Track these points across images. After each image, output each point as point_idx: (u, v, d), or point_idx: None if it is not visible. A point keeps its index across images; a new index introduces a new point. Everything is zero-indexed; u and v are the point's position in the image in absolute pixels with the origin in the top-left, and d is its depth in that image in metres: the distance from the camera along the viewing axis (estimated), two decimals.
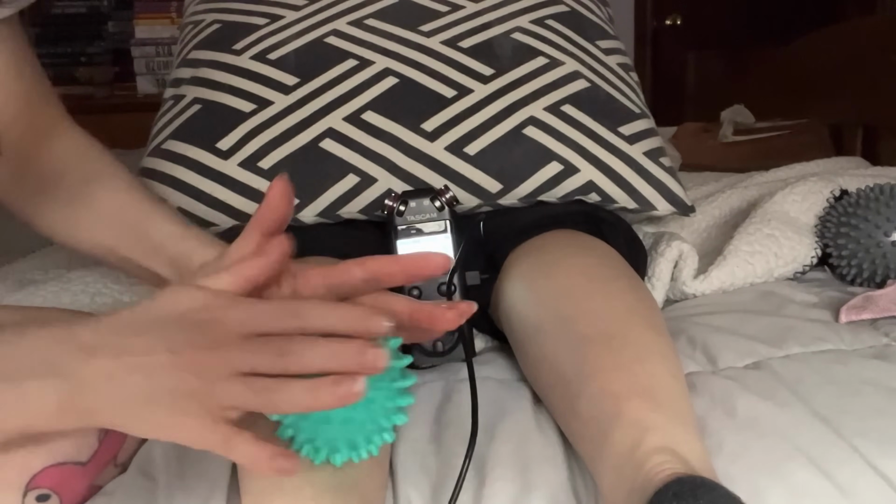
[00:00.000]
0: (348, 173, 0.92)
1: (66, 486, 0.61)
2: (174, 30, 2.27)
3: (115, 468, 0.66)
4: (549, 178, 0.93)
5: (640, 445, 0.57)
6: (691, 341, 0.82)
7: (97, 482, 0.64)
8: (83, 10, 2.51)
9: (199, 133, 0.95)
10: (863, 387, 0.71)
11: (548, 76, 0.98)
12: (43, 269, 1.01)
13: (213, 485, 0.64)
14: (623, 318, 0.70)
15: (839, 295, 0.92)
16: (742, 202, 1.11)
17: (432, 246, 0.84)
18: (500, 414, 0.72)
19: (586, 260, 0.80)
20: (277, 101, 0.95)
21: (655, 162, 0.97)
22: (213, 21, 1.06)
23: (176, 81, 1.03)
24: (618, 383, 0.63)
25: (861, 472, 0.62)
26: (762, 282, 0.96)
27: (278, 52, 0.99)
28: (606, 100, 0.99)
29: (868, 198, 0.95)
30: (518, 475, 0.65)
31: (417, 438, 0.70)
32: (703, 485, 0.52)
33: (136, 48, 2.36)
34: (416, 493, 0.64)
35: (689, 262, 0.93)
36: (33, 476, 0.58)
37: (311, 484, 0.56)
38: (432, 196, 0.84)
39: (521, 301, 0.79)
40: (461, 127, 0.94)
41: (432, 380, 0.80)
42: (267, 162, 0.92)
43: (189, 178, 0.93)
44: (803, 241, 0.97)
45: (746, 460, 0.63)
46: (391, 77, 0.96)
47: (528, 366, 0.76)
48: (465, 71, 0.97)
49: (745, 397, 0.70)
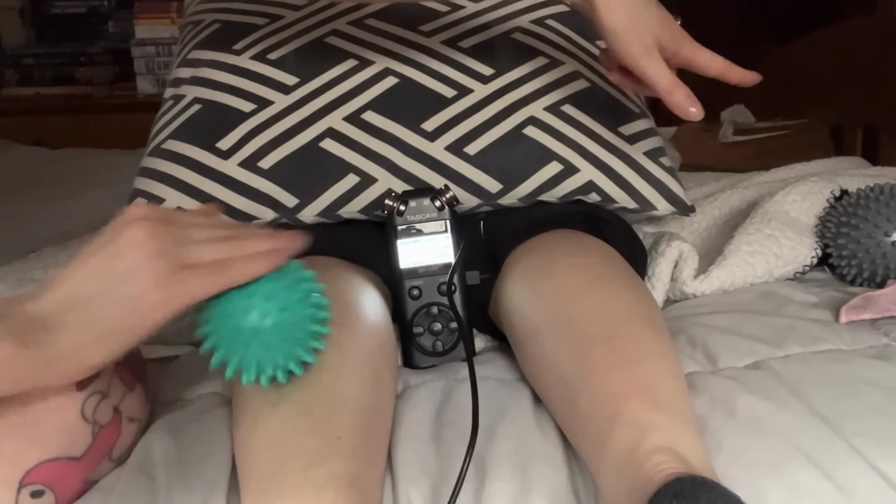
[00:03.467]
0: (348, 173, 0.92)
1: (60, 481, 0.61)
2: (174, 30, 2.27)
3: (111, 463, 0.66)
4: (549, 177, 0.93)
5: (640, 445, 0.57)
6: (691, 341, 0.82)
7: (92, 477, 0.64)
8: (83, 10, 2.51)
9: (199, 133, 0.95)
10: (863, 387, 0.71)
11: (548, 76, 0.98)
12: (43, 269, 1.01)
13: (213, 484, 0.64)
14: (623, 318, 0.70)
15: (839, 295, 0.91)
16: (742, 202, 1.11)
17: (432, 246, 0.84)
18: (500, 414, 0.72)
19: (586, 260, 0.80)
20: (277, 101, 0.95)
21: (655, 162, 0.97)
22: (213, 21, 1.06)
23: (176, 81, 1.03)
24: (618, 383, 0.63)
25: (861, 472, 0.62)
26: (762, 282, 0.96)
27: (278, 52, 0.99)
28: (606, 100, 0.99)
29: (868, 198, 0.95)
30: (518, 475, 0.65)
31: (418, 437, 0.70)
32: (703, 484, 0.52)
33: (136, 48, 2.36)
34: (416, 493, 0.64)
35: (690, 262, 0.93)
36: (27, 472, 0.59)
37: (310, 482, 0.56)
38: (432, 196, 0.84)
39: (521, 301, 0.79)
40: (461, 127, 0.94)
41: (432, 379, 0.80)
42: (267, 162, 0.92)
43: (189, 178, 0.92)
44: (803, 242, 0.97)
45: (746, 460, 0.63)
46: (391, 77, 0.96)
47: (528, 365, 0.76)
48: (465, 71, 0.97)
49: (745, 397, 0.70)
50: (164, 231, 0.55)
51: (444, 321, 0.83)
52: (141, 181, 0.95)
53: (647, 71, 0.76)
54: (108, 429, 0.64)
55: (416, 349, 0.83)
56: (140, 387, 0.70)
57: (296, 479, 0.56)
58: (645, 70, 0.76)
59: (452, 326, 0.83)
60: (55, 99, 2.37)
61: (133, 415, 0.68)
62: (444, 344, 0.83)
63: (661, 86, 0.76)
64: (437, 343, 0.83)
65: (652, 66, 0.75)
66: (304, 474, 0.57)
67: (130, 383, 0.68)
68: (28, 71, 2.44)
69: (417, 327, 0.83)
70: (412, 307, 0.83)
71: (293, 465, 0.57)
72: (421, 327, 0.83)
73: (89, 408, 0.62)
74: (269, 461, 0.58)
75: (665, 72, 0.76)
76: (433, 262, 0.84)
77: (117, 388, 0.65)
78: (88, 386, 0.62)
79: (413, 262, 0.84)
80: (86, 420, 0.62)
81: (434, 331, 0.83)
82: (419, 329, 0.83)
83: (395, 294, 0.85)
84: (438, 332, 0.83)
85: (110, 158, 1.84)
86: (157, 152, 0.96)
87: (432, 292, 0.83)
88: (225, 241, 0.58)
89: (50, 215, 1.42)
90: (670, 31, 0.77)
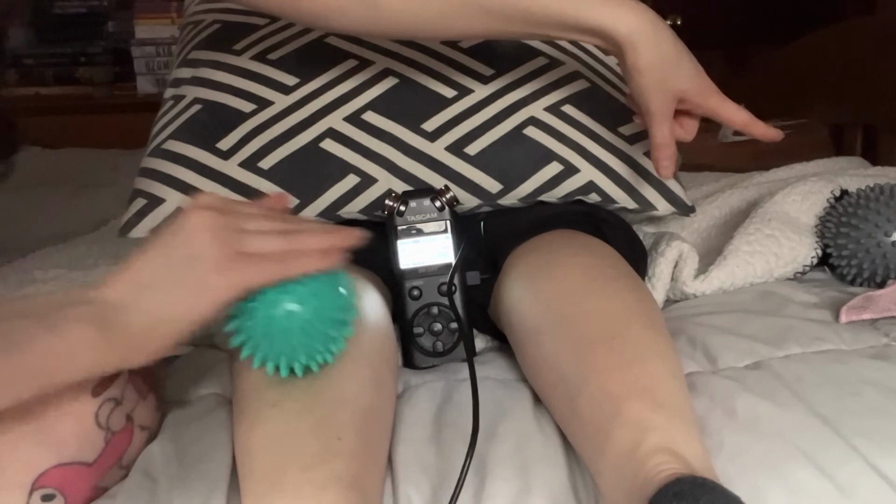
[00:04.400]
0: (348, 173, 0.92)
1: (71, 486, 0.61)
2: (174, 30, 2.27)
3: (121, 470, 0.66)
4: (550, 178, 0.93)
5: (640, 446, 0.57)
6: (691, 341, 0.82)
7: (102, 484, 0.64)
8: (83, 10, 2.50)
9: (199, 133, 0.95)
10: (863, 387, 0.71)
11: (548, 76, 0.98)
12: (43, 269, 1.02)
13: (214, 485, 0.64)
14: (623, 319, 0.70)
15: (839, 295, 0.91)
16: (742, 202, 1.11)
17: (432, 246, 0.84)
18: (500, 414, 0.72)
19: (586, 260, 0.80)
20: (277, 102, 0.95)
21: None
22: (213, 21, 1.06)
23: (176, 81, 1.03)
24: (618, 383, 0.63)
25: (861, 472, 0.62)
26: (762, 282, 0.96)
27: (278, 52, 0.99)
28: (606, 100, 0.99)
29: (868, 198, 0.95)
30: (518, 475, 0.65)
31: (418, 438, 0.70)
32: (703, 485, 0.52)
33: (136, 48, 2.36)
34: (416, 493, 0.64)
35: (690, 262, 0.93)
36: (39, 475, 0.59)
37: (311, 483, 0.56)
38: (432, 196, 0.84)
39: (522, 301, 0.79)
40: (461, 127, 0.94)
41: (432, 380, 0.80)
42: (267, 162, 0.92)
43: (189, 179, 0.92)
44: (803, 242, 0.97)
45: (746, 460, 0.63)
46: (391, 77, 0.96)
47: (528, 366, 0.76)
48: (465, 71, 0.97)
49: (745, 397, 0.70)
50: (225, 221, 0.59)
51: (445, 321, 0.83)
52: (141, 181, 0.95)
53: (652, 130, 0.79)
54: (120, 436, 0.64)
55: (416, 349, 0.83)
56: (152, 396, 0.71)
57: (296, 480, 0.56)
58: (651, 128, 0.79)
59: (453, 327, 0.83)
60: (55, 99, 2.37)
61: (144, 423, 0.69)
62: (445, 344, 0.83)
63: (654, 142, 0.80)
64: (437, 343, 0.83)
65: (658, 129, 0.79)
66: (305, 475, 0.57)
67: (143, 392, 0.68)
68: (28, 71, 2.44)
69: (418, 327, 0.83)
70: (412, 307, 0.83)
71: (293, 466, 0.57)
72: (421, 327, 0.83)
73: (103, 414, 0.62)
74: (270, 462, 0.58)
75: (666, 135, 0.79)
76: (433, 263, 0.84)
77: (131, 396, 0.66)
78: (103, 392, 0.62)
79: (413, 262, 0.84)
80: (99, 426, 0.62)
81: (434, 331, 0.83)
82: (419, 329, 0.83)
83: (396, 294, 0.85)
84: (439, 332, 0.83)
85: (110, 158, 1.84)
86: (158, 153, 0.96)
87: (432, 292, 0.83)
88: (283, 234, 0.61)
89: (50, 215, 1.42)
90: (698, 87, 0.79)
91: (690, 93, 0.78)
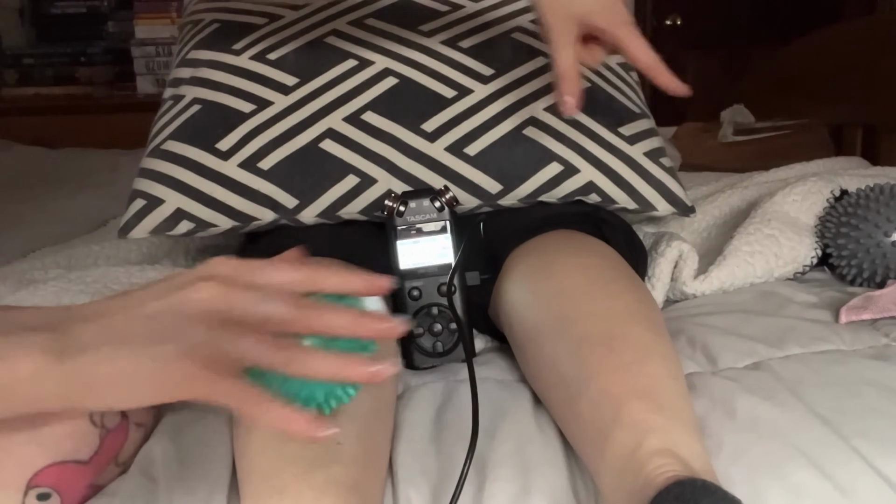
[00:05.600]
0: (348, 174, 0.92)
1: (66, 484, 0.61)
2: (174, 30, 2.27)
3: (117, 468, 0.66)
4: (550, 178, 0.93)
5: (640, 447, 0.57)
6: (691, 341, 0.82)
7: (98, 482, 0.64)
8: (83, 10, 2.51)
9: (198, 133, 0.95)
10: (862, 387, 0.71)
11: (548, 76, 0.98)
12: (43, 269, 1.02)
13: (214, 486, 0.64)
14: (623, 319, 0.70)
15: (839, 295, 0.91)
16: (742, 202, 1.11)
17: (432, 247, 0.84)
18: (500, 414, 0.72)
19: (586, 260, 0.80)
20: (277, 102, 0.95)
21: (656, 162, 0.97)
22: (212, 21, 1.06)
23: (175, 81, 1.03)
24: (618, 385, 0.63)
25: (861, 472, 0.62)
26: (762, 282, 0.95)
27: (278, 52, 0.99)
28: (606, 100, 0.99)
29: (868, 198, 0.95)
30: (518, 476, 0.65)
31: (417, 439, 0.70)
32: (703, 488, 0.52)
33: (136, 48, 2.36)
34: (416, 494, 0.64)
35: (689, 262, 0.93)
36: (34, 474, 0.59)
37: (310, 486, 0.56)
38: (432, 196, 0.84)
39: (521, 301, 0.79)
40: (461, 127, 0.94)
41: (432, 380, 0.80)
42: (267, 163, 0.92)
43: (189, 179, 0.92)
44: (803, 242, 0.97)
45: (746, 461, 0.63)
46: (391, 77, 0.96)
47: (528, 366, 0.76)
48: (465, 71, 0.97)
49: (745, 398, 0.70)
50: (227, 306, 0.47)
51: (444, 322, 0.83)
52: (140, 182, 0.95)
53: (553, 55, 0.75)
54: (115, 433, 0.64)
55: (416, 350, 0.83)
56: None
57: (295, 483, 0.56)
58: (552, 52, 0.75)
59: (452, 327, 0.83)
60: (55, 99, 2.37)
61: (140, 420, 0.68)
62: (444, 345, 0.83)
63: (556, 70, 0.74)
64: (437, 344, 0.83)
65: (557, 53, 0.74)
66: (304, 478, 0.57)
67: None
68: (28, 71, 2.45)
69: (417, 328, 0.83)
70: (412, 308, 0.83)
71: (292, 469, 0.57)
72: (421, 328, 0.83)
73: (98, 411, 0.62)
74: (268, 464, 0.58)
75: (567, 62, 0.74)
76: (433, 263, 0.84)
77: None
78: None
79: (413, 262, 0.84)
80: (94, 424, 0.62)
81: (434, 332, 0.83)
82: (419, 330, 0.83)
83: (395, 295, 0.85)
84: (438, 332, 0.83)
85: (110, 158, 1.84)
86: (157, 153, 0.96)
87: (432, 293, 0.83)
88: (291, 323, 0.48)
89: (50, 215, 1.42)
90: (606, 11, 0.75)
91: (596, 17, 0.74)
